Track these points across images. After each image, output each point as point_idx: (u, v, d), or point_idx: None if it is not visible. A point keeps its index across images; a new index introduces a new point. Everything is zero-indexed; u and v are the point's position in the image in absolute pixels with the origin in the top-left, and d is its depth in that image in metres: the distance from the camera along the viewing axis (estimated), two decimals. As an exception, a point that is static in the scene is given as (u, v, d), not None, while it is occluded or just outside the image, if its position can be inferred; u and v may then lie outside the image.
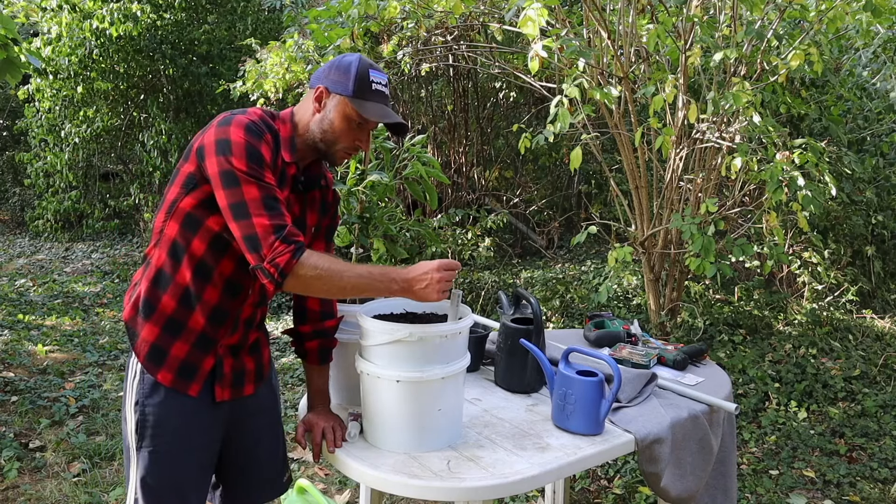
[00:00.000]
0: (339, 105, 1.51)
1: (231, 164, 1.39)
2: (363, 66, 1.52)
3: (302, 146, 1.55)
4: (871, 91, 4.65)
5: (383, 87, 1.54)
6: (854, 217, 4.40)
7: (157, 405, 1.50)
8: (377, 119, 1.52)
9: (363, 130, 1.55)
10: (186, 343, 1.51)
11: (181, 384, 1.51)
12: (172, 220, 1.48)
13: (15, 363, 4.18)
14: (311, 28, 4.15)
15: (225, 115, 1.48)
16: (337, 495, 2.86)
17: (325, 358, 1.76)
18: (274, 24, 7.97)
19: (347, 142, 1.54)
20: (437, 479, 1.47)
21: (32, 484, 2.92)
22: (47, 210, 8.26)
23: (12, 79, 3.48)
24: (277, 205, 1.41)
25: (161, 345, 1.50)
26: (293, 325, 1.75)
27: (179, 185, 1.48)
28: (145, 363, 1.50)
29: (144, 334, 1.51)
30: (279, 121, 1.55)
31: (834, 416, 3.42)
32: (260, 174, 1.41)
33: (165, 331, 1.50)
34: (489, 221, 5.18)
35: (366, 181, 1.86)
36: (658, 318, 3.73)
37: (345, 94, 1.50)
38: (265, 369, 1.70)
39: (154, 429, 1.50)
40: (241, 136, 1.41)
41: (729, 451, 1.98)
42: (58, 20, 6.78)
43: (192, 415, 1.53)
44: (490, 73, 5.25)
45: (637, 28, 3.32)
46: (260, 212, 1.39)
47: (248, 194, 1.39)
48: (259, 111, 1.52)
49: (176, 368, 1.51)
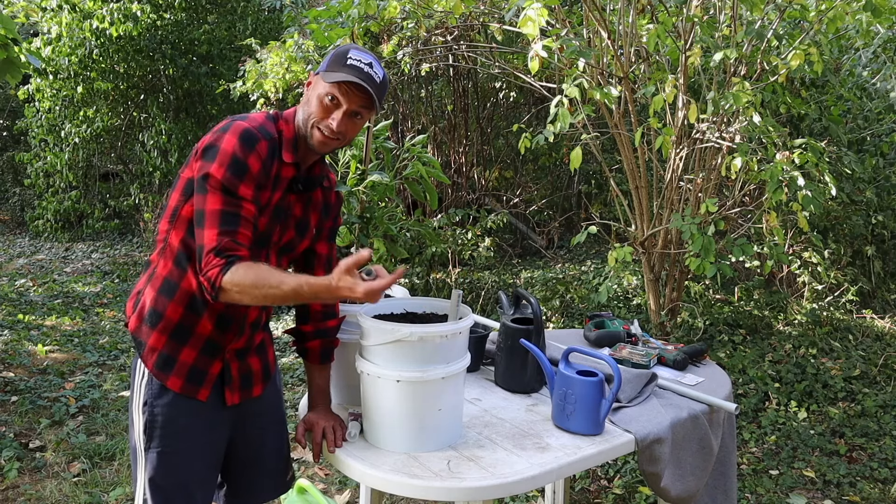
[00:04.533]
0: (314, 81, 1.52)
1: (209, 170, 1.40)
2: (346, 46, 1.52)
3: (301, 143, 1.54)
4: (871, 91, 4.65)
5: (362, 65, 1.48)
6: (854, 217, 4.40)
7: (166, 406, 1.51)
8: (335, 79, 1.46)
9: (336, 107, 1.48)
10: (194, 349, 1.52)
11: (190, 389, 1.52)
12: (176, 230, 1.49)
13: (15, 363, 4.18)
14: (311, 28, 4.15)
15: (228, 120, 1.48)
16: (337, 495, 2.86)
17: (326, 357, 1.76)
18: (274, 24, 7.98)
19: (318, 115, 1.48)
20: (437, 479, 1.47)
21: (32, 484, 2.92)
22: (47, 210, 8.27)
23: (12, 79, 3.48)
24: (236, 220, 1.41)
25: (169, 353, 1.51)
26: (295, 324, 1.75)
27: (180, 191, 1.49)
28: (154, 371, 1.51)
29: (152, 343, 1.51)
30: (283, 121, 1.54)
31: (834, 416, 3.42)
32: (234, 186, 1.40)
33: (173, 338, 1.51)
34: (489, 221, 5.18)
35: (366, 181, 1.86)
36: (658, 318, 3.73)
37: (321, 70, 1.51)
38: (271, 368, 1.71)
39: (163, 429, 1.51)
40: (230, 145, 1.41)
41: (729, 451, 1.99)
42: (58, 20, 6.79)
43: (201, 417, 1.55)
44: (490, 73, 5.26)
45: (637, 28, 3.32)
46: (213, 224, 1.39)
47: (210, 205, 1.40)
48: (263, 115, 1.52)
49: (185, 374, 1.52)
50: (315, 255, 1.70)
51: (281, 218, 1.56)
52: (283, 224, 1.57)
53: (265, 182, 1.47)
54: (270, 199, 1.51)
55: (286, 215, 1.57)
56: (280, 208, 1.54)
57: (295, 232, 1.61)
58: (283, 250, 1.61)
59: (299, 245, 1.64)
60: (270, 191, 1.50)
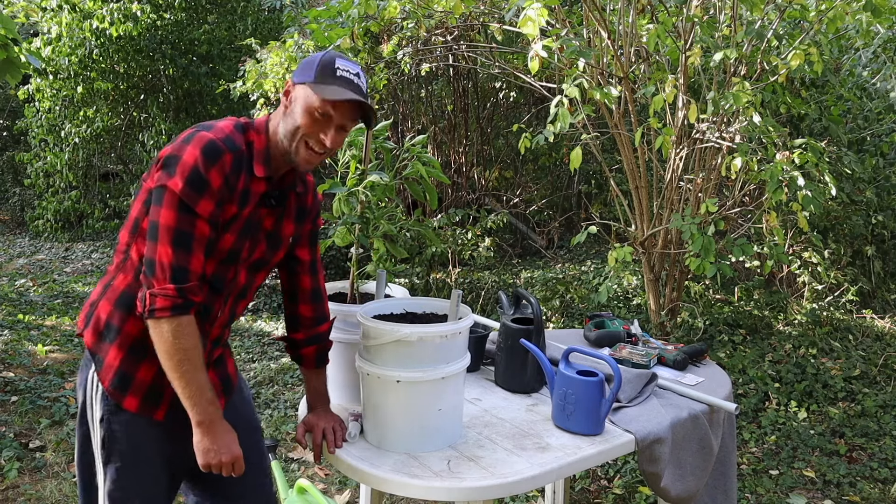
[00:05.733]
0: (300, 93, 1.43)
1: (168, 183, 1.35)
2: (330, 55, 1.44)
3: (277, 155, 1.47)
4: (871, 91, 4.65)
5: (351, 76, 1.43)
6: (854, 217, 4.40)
7: (124, 423, 1.47)
8: (334, 97, 1.40)
9: (328, 122, 1.43)
10: (153, 365, 1.44)
11: (147, 410, 1.48)
12: (137, 244, 1.44)
13: (15, 363, 4.17)
14: (311, 28, 4.15)
15: (191, 130, 1.41)
16: (337, 495, 2.86)
17: (321, 361, 1.73)
18: (274, 24, 7.97)
19: (308, 129, 1.42)
20: (437, 479, 1.47)
21: (32, 484, 2.92)
22: (47, 210, 8.26)
23: (12, 79, 3.47)
24: (189, 241, 1.36)
25: (126, 369, 1.46)
26: (286, 333, 1.72)
27: (141, 201, 1.43)
28: (111, 391, 1.46)
29: (109, 359, 1.46)
30: (254, 131, 1.47)
31: (834, 416, 3.42)
32: (192, 201, 1.35)
33: (131, 353, 1.45)
34: (489, 221, 5.17)
35: (366, 181, 1.85)
36: (658, 318, 3.73)
37: (307, 81, 1.42)
38: (233, 381, 1.65)
39: (121, 445, 1.48)
40: (192, 157, 1.35)
41: (729, 451, 1.99)
42: (58, 20, 6.78)
43: (162, 435, 1.50)
44: (490, 73, 5.26)
45: (637, 28, 3.32)
46: (166, 242, 1.35)
47: (164, 219, 1.35)
48: (231, 125, 1.44)
49: (142, 393, 1.47)
50: (298, 262, 1.65)
51: (251, 233, 1.49)
52: (254, 239, 1.51)
53: (229, 197, 1.40)
54: (239, 214, 1.44)
55: (256, 229, 1.50)
56: (250, 223, 1.48)
57: (267, 246, 1.55)
58: (255, 266, 1.55)
59: (273, 258, 1.58)
60: (238, 206, 1.43)
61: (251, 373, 4.19)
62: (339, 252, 5.17)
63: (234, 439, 1.46)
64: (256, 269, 1.56)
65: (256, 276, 1.57)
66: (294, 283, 1.67)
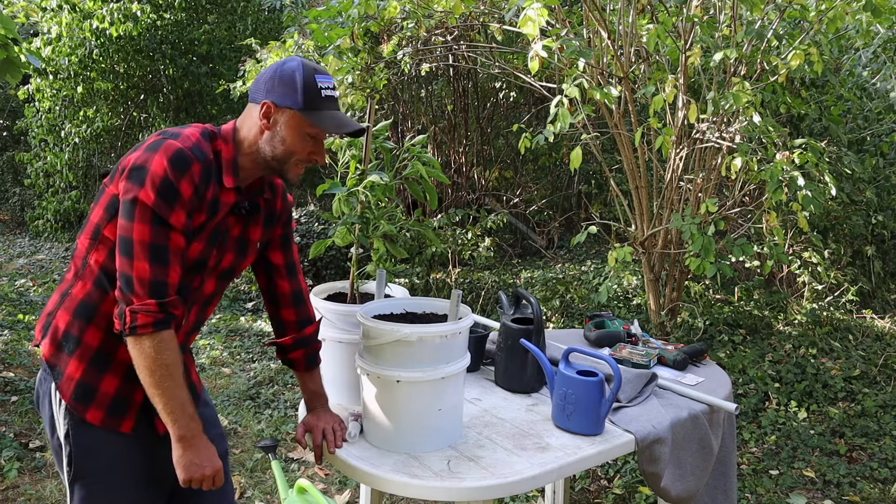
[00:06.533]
0: (290, 120, 1.41)
1: (139, 194, 1.31)
2: (308, 73, 1.40)
3: (248, 165, 1.45)
4: (871, 91, 4.65)
5: (332, 92, 1.43)
6: (854, 217, 4.40)
7: (89, 439, 1.43)
8: (336, 131, 1.42)
9: (318, 142, 1.45)
10: (116, 376, 1.42)
11: (112, 422, 1.43)
12: (97, 251, 1.40)
13: (15, 363, 4.17)
14: (311, 28, 4.15)
15: (157, 137, 1.38)
16: (337, 495, 2.86)
17: (312, 363, 1.71)
18: (274, 24, 7.97)
19: (302, 155, 1.44)
20: (437, 479, 1.47)
21: (32, 484, 2.92)
22: (47, 210, 8.26)
23: (12, 79, 3.47)
24: (166, 255, 1.34)
25: (89, 381, 1.41)
26: (274, 338, 1.71)
27: (104, 206, 1.39)
28: (72, 404, 1.41)
29: (69, 371, 1.41)
30: (221, 140, 1.44)
31: (834, 416, 3.42)
32: (165, 213, 1.32)
33: (93, 365, 1.41)
34: (489, 221, 5.18)
35: (366, 181, 1.85)
36: (658, 318, 3.73)
37: (295, 107, 1.39)
38: (197, 388, 1.60)
39: (89, 462, 1.44)
40: (161, 167, 1.32)
41: (729, 451, 1.99)
42: (58, 20, 6.79)
43: (130, 448, 1.46)
44: (490, 73, 5.26)
45: (637, 28, 3.32)
46: (143, 257, 1.32)
47: (138, 234, 1.32)
48: (198, 132, 1.42)
49: (107, 406, 1.43)
50: (273, 267, 1.64)
51: (218, 241, 1.47)
52: (221, 247, 1.49)
53: (198, 206, 1.38)
54: (206, 224, 1.42)
55: (224, 238, 1.48)
56: (218, 231, 1.46)
57: (235, 254, 1.53)
58: (223, 275, 1.54)
59: (241, 265, 1.56)
60: (206, 215, 1.41)
61: (251, 373, 4.18)
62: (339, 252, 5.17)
63: (215, 452, 1.45)
64: (224, 278, 1.55)
65: (223, 284, 1.56)
66: (273, 288, 1.66)
